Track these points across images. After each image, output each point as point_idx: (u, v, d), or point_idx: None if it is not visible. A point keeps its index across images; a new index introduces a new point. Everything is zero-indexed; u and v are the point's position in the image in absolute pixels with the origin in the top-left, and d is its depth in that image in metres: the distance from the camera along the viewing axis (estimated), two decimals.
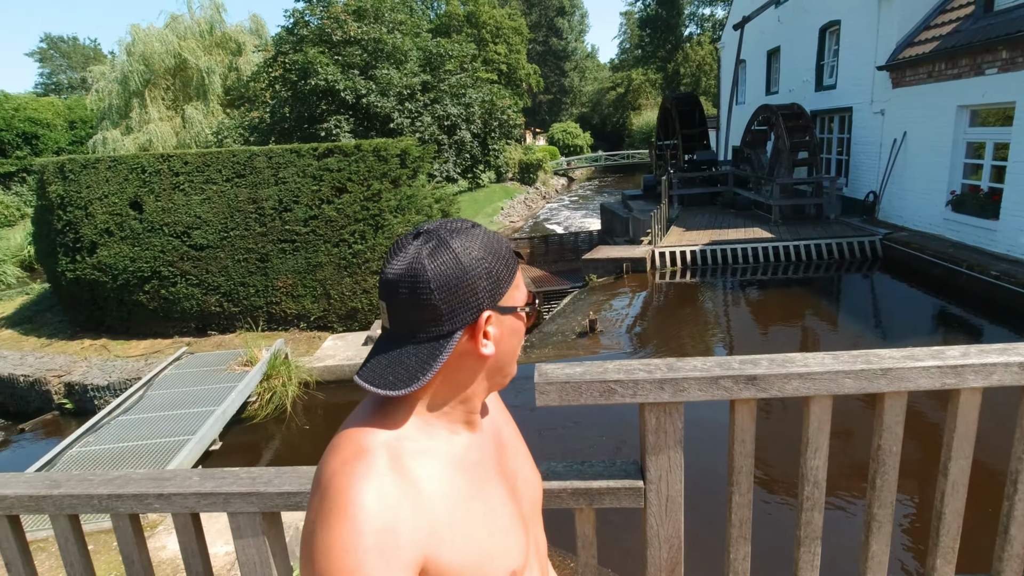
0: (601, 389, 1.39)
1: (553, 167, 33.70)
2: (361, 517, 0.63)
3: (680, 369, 1.40)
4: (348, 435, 0.73)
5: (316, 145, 7.39)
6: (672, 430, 1.46)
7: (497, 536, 0.77)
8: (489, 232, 0.76)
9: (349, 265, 7.43)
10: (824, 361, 1.41)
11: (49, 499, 1.72)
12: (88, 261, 7.38)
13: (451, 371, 0.75)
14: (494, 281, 0.74)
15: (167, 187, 7.26)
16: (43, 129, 21.53)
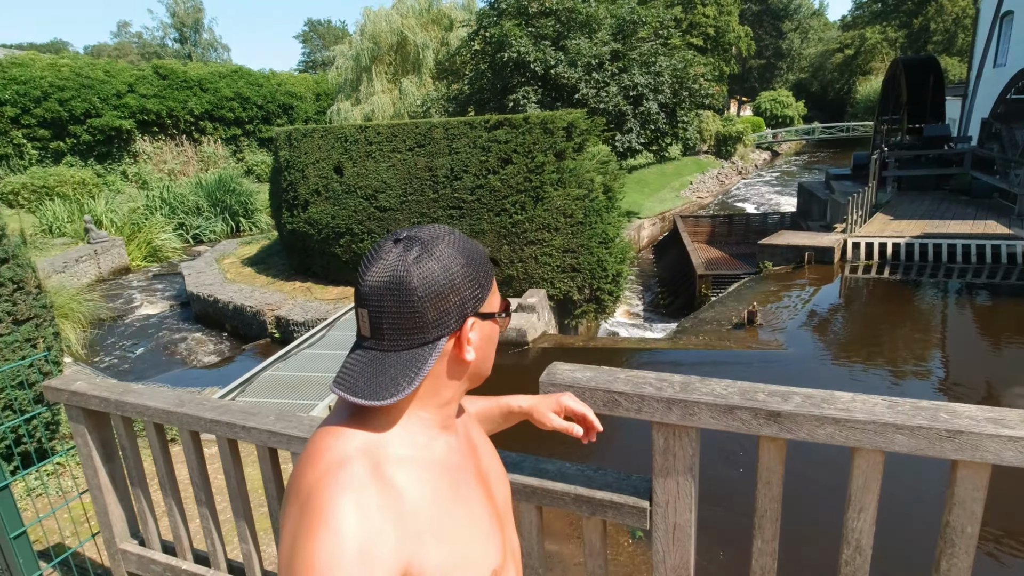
0: (605, 399, 1.33)
1: (755, 140, 30.83)
2: (345, 529, 0.62)
3: (694, 391, 1.27)
4: (326, 443, 0.71)
5: (488, 117, 7.74)
6: (682, 455, 1.35)
7: (479, 538, 0.77)
8: (467, 238, 0.77)
9: (508, 234, 7.73)
10: (873, 409, 1.17)
11: (174, 415, 2.15)
12: (302, 216, 8.72)
13: (433, 377, 0.75)
14: (477, 287, 0.74)
15: (362, 154, 8.21)
16: (297, 101, 25.43)
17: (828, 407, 1.18)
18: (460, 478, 0.80)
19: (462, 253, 0.74)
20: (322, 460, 0.69)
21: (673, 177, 20.94)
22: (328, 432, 0.73)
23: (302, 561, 0.61)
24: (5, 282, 3.39)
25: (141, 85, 19.93)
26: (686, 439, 1.29)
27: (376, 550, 0.63)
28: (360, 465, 0.68)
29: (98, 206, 14.92)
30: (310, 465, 0.69)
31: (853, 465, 1.21)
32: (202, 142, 22.06)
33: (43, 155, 17.90)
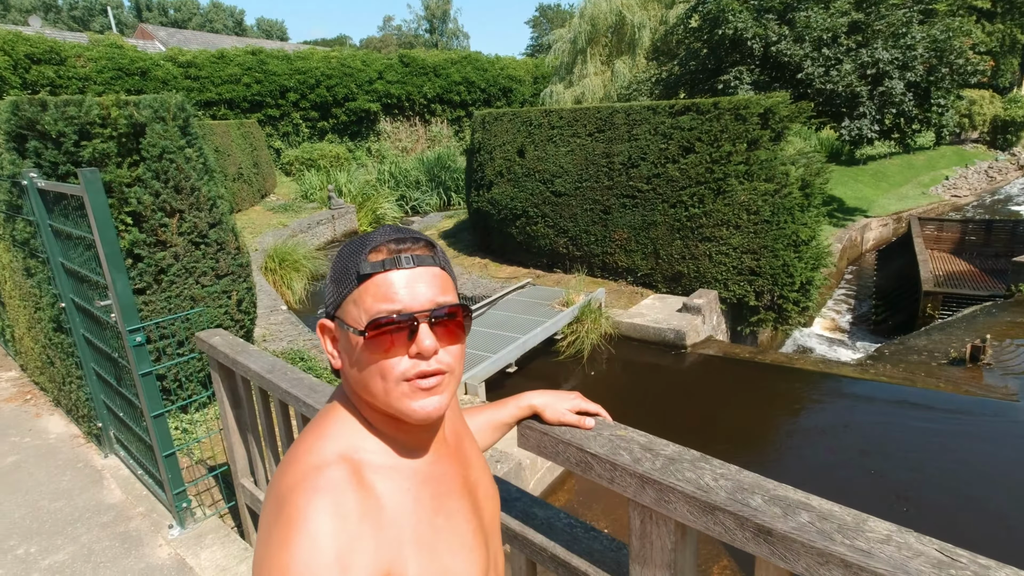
0: (578, 457, 1.19)
1: None
2: (321, 534, 0.61)
3: (676, 472, 1.05)
4: (307, 446, 0.71)
5: (674, 102, 7.23)
6: (660, 546, 1.17)
7: (461, 552, 0.75)
8: (361, 239, 0.74)
9: (682, 228, 7.21)
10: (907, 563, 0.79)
11: (264, 380, 2.42)
12: (485, 196, 9.18)
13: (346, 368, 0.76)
14: (331, 289, 0.76)
15: (544, 139, 8.31)
16: (516, 84, 26.69)
17: (842, 540, 0.84)
18: (443, 489, 0.77)
19: (343, 252, 0.75)
20: (302, 463, 0.68)
21: (923, 170, 17.46)
22: (310, 434, 0.73)
23: (277, 565, 0.59)
24: (212, 243, 4.15)
25: (388, 72, 22.64)
26: (664, 528, 1.08)
27: (353, 556, 0.61)
28: (339, 470, 0.67)
29: (341, 178, 17.50)
30: (291, 466, 0.69)
31: None
32: (431, 123, 24.39)
33: (312, 133, 21.40)
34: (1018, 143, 21.61)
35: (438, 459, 0.79)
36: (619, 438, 1.15)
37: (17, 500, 3.23)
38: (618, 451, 1.10)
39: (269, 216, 14.40)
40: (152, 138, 3.80)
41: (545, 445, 1.27)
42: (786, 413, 5.36)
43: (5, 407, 4.52)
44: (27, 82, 15.08)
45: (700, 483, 0.99)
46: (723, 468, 1.02)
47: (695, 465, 1.04)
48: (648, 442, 1.13)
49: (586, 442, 1.15)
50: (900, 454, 4.54)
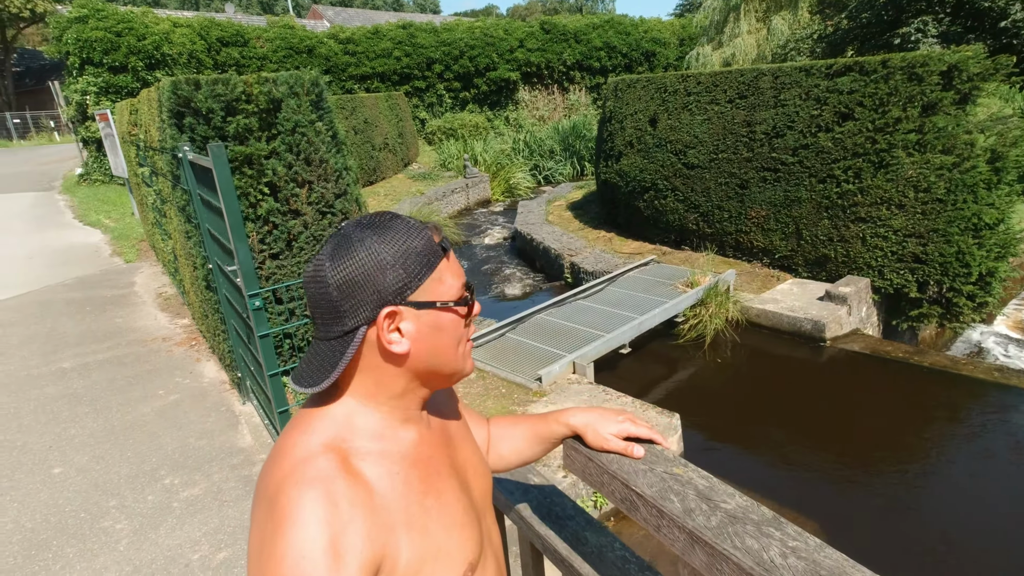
0: (623, 493, 1.02)
1: None
2: (314, 523, 0.62)
3: (735, 536, 0.86)
4: (292, 440, 0.72)
5: (832, 61, 6.34)
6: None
7: (453, 530, 0.77)
8: (405, 223, 0.75)
9: (832, 206, 6.39)
10: None
11: None
12: (614, 167, 8.86)
13: (372, 369, 0.75)
14: (398, 276, 0.72)
15: (679, 106, 7.76)
16: (660, 47, 25.33)
17: None
18: (431, 470, 0.79)
19: (388, 240, 0.72)
20: (289, 457, 0.70)
21: None
22: (294, 429, 0.75)
23: (271, 557, 0.61)
24: (337, 212, 4.42)
25: (529, 40, 22.61)
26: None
27: (347, 542, 0.63)
28: (327, 459, 0.69)
29: (477, 147, 17.92)
30: (277, 463, 0.70)
31: None
32: (570, 90, 24.03)
33: (454, 103, 22.13)
34: None
35: (422, 441, 0.80)
36: (674, 478, 0.97)
37: (172, 435, 3.75)
38: (668, 495, 0.93)
39: (409, 184, 15.19)
40: (286, 113, 4.09)
41: (590, 472, 1.11)
42: (944, 429, 4.60)
43: (177, 350, 5.26)
44: (217, 63, 17.15)
45: (763, 557, 0.80)
46: (797, 540, 0.82)
47: (761, 531, 0.84)
48: (708, 488, 0.93)
49: (633, 477, 0.99)
50: None
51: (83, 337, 5.60)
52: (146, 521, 2.93)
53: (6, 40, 31.66)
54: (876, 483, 4.07)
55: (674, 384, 5.50)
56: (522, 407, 4.37)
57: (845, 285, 6.03)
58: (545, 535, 1.28)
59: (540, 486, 1.42)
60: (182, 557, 2.69)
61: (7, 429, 3.92)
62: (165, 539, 2.81)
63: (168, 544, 2.78)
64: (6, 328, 5.89)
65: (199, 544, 2.77)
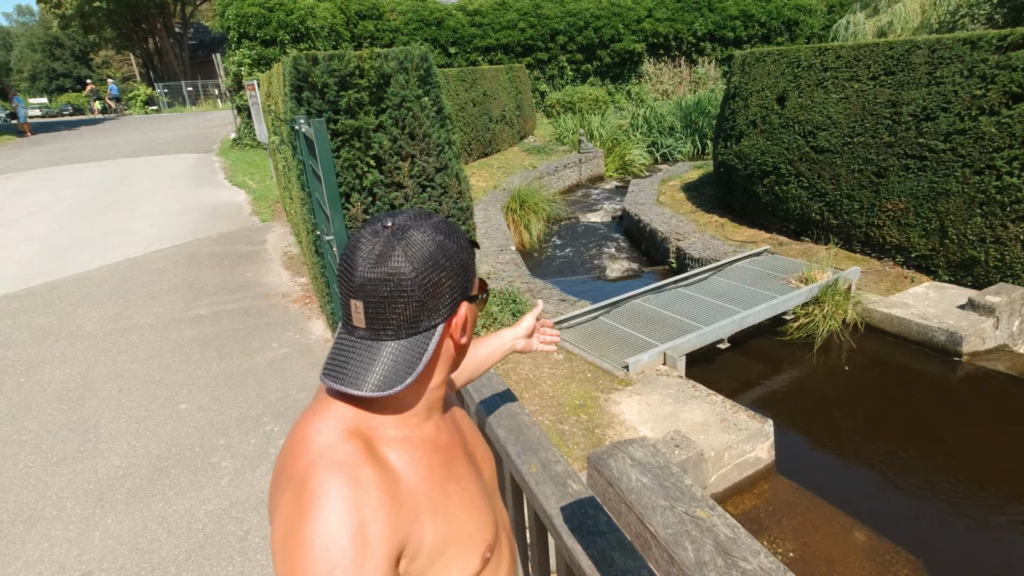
0: (637, 528, 1.00)
1: None
2: (341, 510, 0.63)
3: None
4: (315, 427, 0.73)
5: (1007, 32, 5.41)
6: None
7: (474, 513, 0.80)
8: (446, 220, 0.79)
9: (988, 202, 5.54)
10: None
11: None
12: (733, 148, 8.30)
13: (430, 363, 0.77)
14: (466, 270, 0.76)
15: (812, 83, 7.06)
16: (804, 15, 23.09)
17: None
18: (451, 455, 0.82)
19: (451, 237, 0.75)
20: (314, 444, 0.70)
21: None
22: (316, 415, 0.74)
23: (300, 543, 0.62)
24: (437, 186, 4.55)
25: (658, 9, 21.61)
26: None
27: (374, 529, 0.64)
28: (353, 446, 0.70)
29: (594, 121, 17.56)
30: (301, 450, 0.70)
31: None
32: (698, 63, 22.72)
33: (576, 76, 21.79)
34: None
35: (440, 428, 0.83)
36: (694, 521, 0.89)
37: (277, 385, 4.13)
38: (683, 540, 0.86)
39: (523, 157, 15.26)
40: (394, 88, 4.24)
41: (609, 498, 1.07)
42: None
43: (292, 306, 5.75)
44: (355, 35, 18.11)
45: None
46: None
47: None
48: (730, 541, 0.84)
49: (650, 513, 0.93)
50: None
51: (219, 288, 6.28)
52: (247, 462, 3.27)
53: (185, 16, 35.65)
54: (1004, 527, 3.57)
55: (773, 387, 5.14)
56: (605, 394, 4.30)
57: (995, 294, 5.25)
58: (572, 548, 1.24)
59: (577, 495, 1.35)
60: None
61: (150, 365, 4.52)
62: (260, 481, 3.12)
63: (262, 487, 3.08)
64: (161, 275, 6.74)
65: None
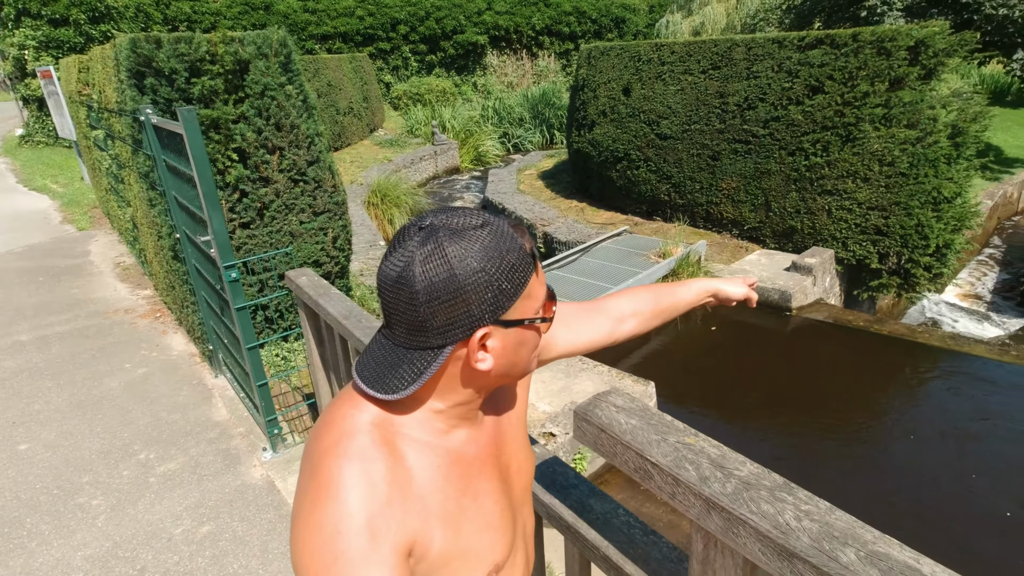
0: (637, 463, 1.06)
1: None
2: (352, 499, 0.63)
3: (750, 501, 0.90)
4: (342, 413, 0.72)
5: (804, 34, 6.38)
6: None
7: (486, 532, 0.77)
8: (499, 232, 0.68)
9: (800, 179, 6.52)
10: None
11: (341, 325, 2.47)
12: (586, 136, 8.81)
13: (449, 378, 0.72)
14: (494, 295, 0.67)
15: (652, 76, 7.73)
16: (630, 14, 25.01)
17: None
18: (474, 470, 0.79)
19: (482, 254, 0.65)
20: (336, 428, 0.70)
21: None
22: (347, 400, 0.74)
23: (309, 526, 0.63)
24: (310, 180, 4.28)
25: (497, 2, 22.02)
26: (730, 560, 0.95)
27: (383, 523, 0.64)
28: (371, 438, 0.69)
29: (446, 113, 17.55)
30: (325, 431, 0.71)
31: None
32: (539, 56, 23.61)
33: (420, 67, 21.48)
34: None
35: (470, 439, 0.79)
36: (687, 447, 1.01)
37: (144, 409, 3.65)
38: (683, 464, 0.97)
39: (376, 150, 14.82)
40: (255, 75, 3.91)
41: (603, 443, 1.15)
42: (903, 394, 4.85)
43: (140, 322, 5.08)
44: (168, 17, 16.20)
45: (778, 520, 0.84)
46: (809, 504, 0.86)
47: (774, 495, 0.89)
48: (720, 457, 0.98)
49: (648, 448, 1.02)
50: None
51: (40, 309, 5.35)
52: (124, 496, 2.86)
53: None
54: (841, 444, 4.27)
55: (648, 352, 5.61)
56: None
57: (811, 256, 6.21)
58: (550, 503, 1.31)
59: (541, 456, 1.45)
60: (164, 532, 2.65)
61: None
62: (144, 514, 2.76)
63: (148, 519, 2.72)
64: None
65: (181, 518, 2.72)
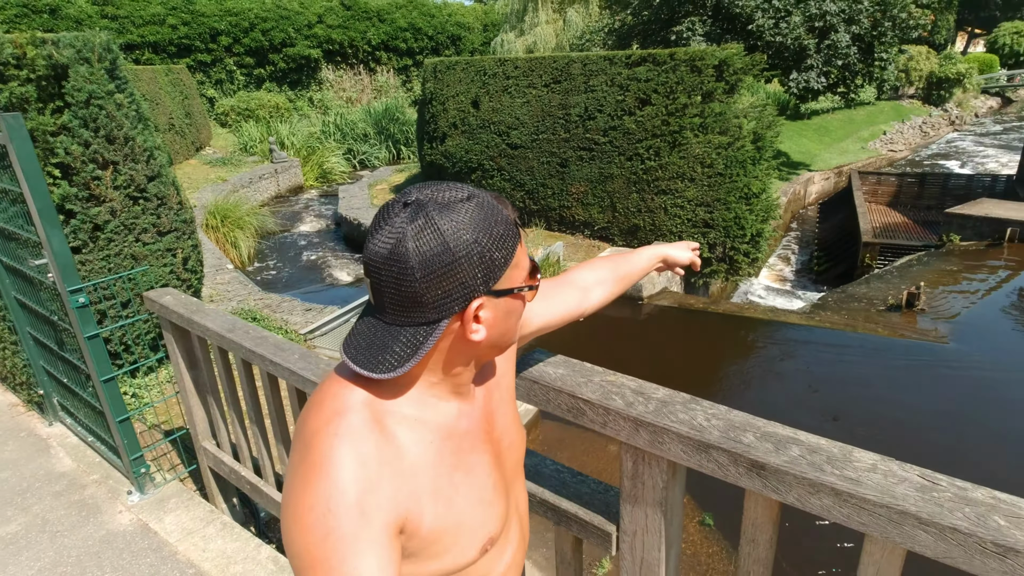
0: (570, 404, 1.19)
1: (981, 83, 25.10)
2: (343, 478, 0.63)
3: (669, 414, 1.08)
4: (332, 392, 0.72)
5: (630, 52, 7.13)
6: (652, 485, 1.19)
7: (478, 507, 0.77)
8: (486, 203, 0.69)
9: (639, 181, 7.24)
10: (893, 488, 0.88)
11: (225, 339, 2.29)
12: (439, 148, 8.92)
13: (440, 352, 0.72)
14: (487, 265, 0.67)
15: (499, 89, 8.08)
16: (465, 32, 25.70)
17: (831, 471, 0.91)
18: (465, 444, 0.79)
19: (473, 225, 0.66)
20: (326, 408, 0.70)
21: (863, 125, 18.08)
22: (337, 380, 0.73)
23: (303, 505, 0.63)
24: (151, 197, 3.86)
25: (328, 16, 21.36)
26: (656, 468, 1.12)
27: (373, 501, 0.64)
28: (361, 417, 0.68)
29: (283, 129, 16.63)
30: (315, 411, 0.71)
31: (864, 551, 0.94)
32: (377, 71, 23.31)
33: (248, 81, 20.11)
34: (950, 99, 22.54)
35: (462, 414, 0.79)
36: (610, 384, 1.17)
37: None
38: (610, 396, 1.12)
39: (207, 170, 13.61)
40: (77, 81, 3.46)
41: (535, 393, 1.26)
42: (740, 358, 5.61)
43: None
44: None
45: (693, 423, 1.02)
46: (714, 408, 1.06)
47: (687, 407, 1.07)
48: (639, 386, 1.15)
49: (578, 389, 1.16)
50: (844, 391, 4.88)
51: None
52: None
53: None
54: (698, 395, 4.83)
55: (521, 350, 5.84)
56: None
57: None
58: None
59: None
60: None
61: None
62: None
63: None
64: None
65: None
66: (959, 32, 32.73)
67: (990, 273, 6.73)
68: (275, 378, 2.16)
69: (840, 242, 9.93)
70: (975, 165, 15.92)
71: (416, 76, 23.92)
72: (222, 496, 2.87)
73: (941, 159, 17.04)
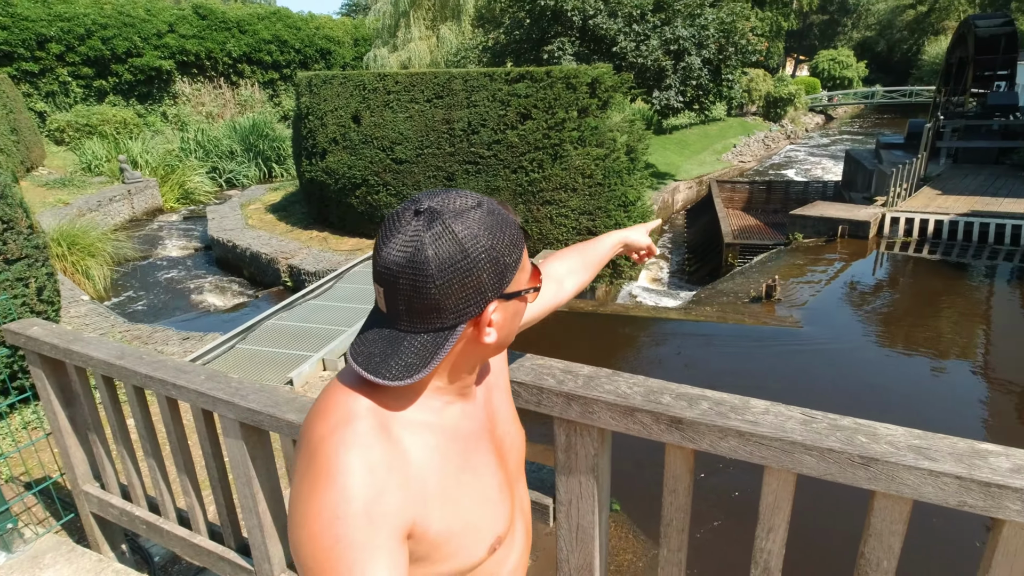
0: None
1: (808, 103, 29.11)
2: (350, 484, 0.63)
3: (596, 387, 1.20)
4: (336, 399, 0.72)
5: (509, 69, 7.42)
6: (584, 454, 1.28)
7: (486, 506, 0.78)
8: (494, 210, 0.69)
9: (524, 192, 7.52)
10: (783, 424, 1.06)
11: (114, 367, 2.10)
12: (320, 165, 8.66)
13: (450, 357, 0.72)
14: (500, 269, 0.68)
15: (380, 104, 8.03)
16: (335, 46, 25.05)
17: (735, 417, 1.07)
18: (471, 446, 0.79)
19: (488, 231, 0.67)
20: (332, 415, 0.70)
21: (716, 139, 20.07)
22: (341, 387, 0.73)
23: (310, 512, 0.63)
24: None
25: (181, 25, 19.89)
26: (588, 438, 1.22)
27: (381, 508, 0.64)
28: (367, 424, 0.68)
29: (134, 147, 15.19)
30: (321, 418, 0.70)
31: (764, 482, 1.11)
32: (240, 85, 22.04)
33: (87, 93, 18.15)
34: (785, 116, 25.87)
35: (466, 416, 0.80)
36: (540, 367, 1.28)
37: None
38: (542, 377, 1.23)
39: (42, 192, 12.09)
40: None
41: None
42: (629, 352, 6.08)
43: None
44: None
45: (619, 392, 1.15)
46: (633, 378, 1.19)
47: (611, 379, 1.20)
48: (566, 367, 1.27)
49: (514, 373, 1.26)
50: (716, 368, 5.57)
51: None
52: None
53: None
54: None
55: None
56: None
57: (542, 259, 7.18)
58: None
59: None
60: None
61: None
62: None
63: None
64: None
65: None
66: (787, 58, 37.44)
67: (828, 265, 7.77)
68: (175, 404, 2.04)
69: (706, 244, 10.94)
70: (810, 173, 18.30)
71: (284, 90, 22.90)
72: (108, 543, 2.61)
73: (783, 168, 19.40)
